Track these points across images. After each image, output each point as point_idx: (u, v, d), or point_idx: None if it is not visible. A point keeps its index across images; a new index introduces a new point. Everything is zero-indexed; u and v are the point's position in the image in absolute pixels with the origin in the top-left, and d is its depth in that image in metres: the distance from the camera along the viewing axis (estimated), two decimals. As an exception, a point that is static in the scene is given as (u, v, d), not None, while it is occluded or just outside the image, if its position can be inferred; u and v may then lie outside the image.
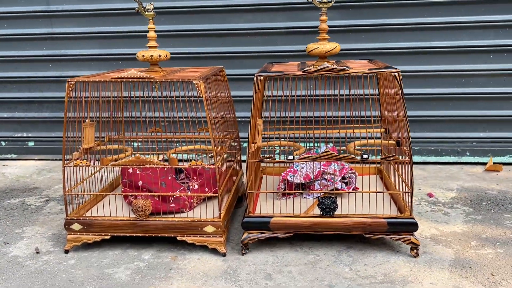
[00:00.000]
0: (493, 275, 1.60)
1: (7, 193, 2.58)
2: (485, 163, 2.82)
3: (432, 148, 2.89)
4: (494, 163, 2.79)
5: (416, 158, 2.90)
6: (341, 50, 2.77)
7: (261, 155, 2.17)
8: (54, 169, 3.02)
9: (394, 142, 1.85)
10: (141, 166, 1.77)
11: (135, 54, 2.98)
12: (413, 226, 1.70)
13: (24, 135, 3.23)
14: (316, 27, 2.82)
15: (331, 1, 1.81)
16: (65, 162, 1.81)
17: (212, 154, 2.31)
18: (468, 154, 2.87)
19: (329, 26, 2.75)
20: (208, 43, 2.92)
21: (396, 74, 1.63)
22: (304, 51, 2.84)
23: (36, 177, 2.87)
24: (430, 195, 2.35)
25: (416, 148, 2.90)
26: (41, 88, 3.15)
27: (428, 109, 2.84)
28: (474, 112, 2.82)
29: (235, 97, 2.91)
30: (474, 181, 2.56)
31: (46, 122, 3.19)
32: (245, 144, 2.98)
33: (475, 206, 2.20)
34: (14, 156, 3.26)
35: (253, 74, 2.92)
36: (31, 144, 3.24)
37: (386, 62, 2.80)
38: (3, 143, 3.26)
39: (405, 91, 2.82)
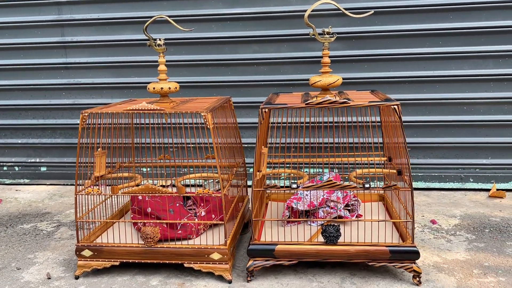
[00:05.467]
0: (494, 303, 1.62)
1: (20, 218, 2.65)
2: (488, 189, 2.85)
3: (436, 174, 2.93)
4: (497, 189, 2.81)
5: (420, 184, 2.94)
6: (345, 79, 2.87)
7: (267, 182, 2.23)
8: (65, 194, 3.09)
9: (395, 171, 1.90)
10: (151, 194, 1.83)
11: (145, 83, 3.10)
12: (415, 254, 1.73)
13: (37, 160, 3.33)
14: (320, 57, 2.92)
15: (332, 37, 1.90)
16: (77, 190, 1.88)
17: (217, 180, 2.38)
18: (471, 180, 2.90)
19: (333, 56, 2.86)
20: (217, 72, 3.02)
21: (396, 107, 1.70)
22: (307, 80, 2.94)
23: (48, 202, 2.94)
24: (433, 222, 2.38)
25: (419, 174, 2.94)
26: (54, 115, 3.26)
27: (431, 136, 2.90)
28: (476, 139, 2.86)
29: (242, 124, 2.99)
30: (478, 208, 2.59)
31: (59, 148, 3.29)
32: (251, 170, 3.04)
33: (477, 234, 2.23)
34: (26, 181, 3.34)
35: (259, 102, 3.02)
36: (43, 169, 3.33)
37: (389, 91, 2.88)
38: (16, 168, 3.35)
39: (408, 118, 2.88)
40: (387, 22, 2.82)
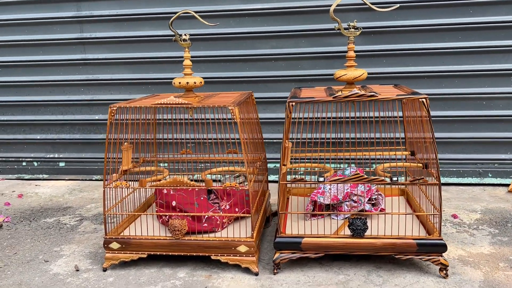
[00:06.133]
0: (523, 296, 1.63)
1: (42, 212, 2.68)
2: (507, 185, 2.85)
3: (454, 169, 2.93)
4: (517, 184, 2.81)
5: (438, 180, 2.94)
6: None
7: (294, 176, 2.24)
8: (84, 189, 3.12)
9: (421, 164, 1.91)
10: (179, 187, 1.85)
11: (163, 78, 3.12)
12: (442, 247, 1.74)
13: (56, 156, 3.36)
14: (338, 52, 2.92)
15: (358, 30, 1.90)
16: (105, 183, 1.90)
17: (237, 174, 2.39)
18: (490, 175, 2.90)
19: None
20: (235, 68, 3.04)
21: (424, 100, 1.70)
22: (326, 75, 2.95)
23: (68, 196, 2.97)
24: (454, 216, 2.39)
25: (433, 170, 2.93)
26: (73, 111, 3.29)
27: (449, 131, 2.89)
28: (495, 134, 2.86)
29: (260, 119, 3.00)
30: (498, 203, 2.59)
31: (77, 144, 3.32)
32: (270, 165, 3.05)
33: (500, 228, 2.23)
34: (45, 176, 3.38)
35: (278, 98, 3.03)
36: (62, 164, 3.36)
37: (408, 86, 2.88)
38: (35, 164, 3.39)
39: (427, 113, 2.88)
40: (406, 16, 2.82)
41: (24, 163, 3.40)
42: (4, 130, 3.38)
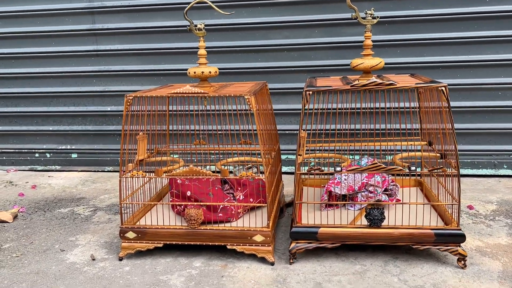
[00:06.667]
0: (543, 287, 1.61)
1: (56, 203, 2.69)
2: (523, 176, 2.82)
3: (468, 160, 2.90)
4: (533, 176, 2.78)
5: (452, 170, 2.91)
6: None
7: (311, 166, 2.23)
8: (97, 180, 3.14)
9: (439, 155, 1.89)
10: (194, 177, 1.85)
11: (175, 69, 3.11)
12: (461, 237, 1.72)
13: (68, 147, 3.37)
14: (352, 42, 2.89)
15: (375, 18, 1.88)
16: (122, 172, 1.90)
17: (249, 165, 2.38)
18: (505, 167, 2.87)
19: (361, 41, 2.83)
20: (247, 58, 3.02)
21: (443, 88, 1.68)
22: (339, 65, 2.92)
23: (81, 187, 2.99)
24: (470, 207, 2.37)
25: (452, 160, 2.90)
26: (85, 102, 3.30)
27: (464, 122, 2.86)
28: (511, 125, 2.82)
29: (273, 110, 2.98)
30: (514, 194, 2.56)
31: (89, 135, 3.33)
32: (283, 157, 3.04)
33: (517, 219, 2.21)
34: (58, 167, 3.40)
35: (290, 88, 3.01)
36: (74, 156, 3.38)
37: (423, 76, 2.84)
38: (48, 155, 3.40)
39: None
40: (420, 6, 2.78)
41: (36, 155, 3.42)
42: (17, 122, 3.40)
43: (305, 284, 1.69)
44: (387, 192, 2.12)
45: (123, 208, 1.92)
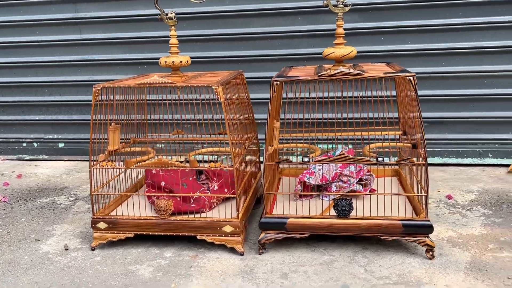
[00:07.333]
0: (509, 278, 1.60)
1: (39, 192, 2.71)
2: (507, 165, 2.78)
3: (453, 149, 2.87)
4: (517, 165, 2.75)
5: (436, 160, 2.89)
6: (361, 52, 2.80)
7: (279, 157, 2.22)
8: (82, 169, 3.15)
9: (410, 144, 1.87)
10: (163, 168, 1.84)
11: (158, 58, 3.08)
12: (428, 228, 1.71)
13: (55, 136, 3.38)
14: (335, 30, 2.85)
15: (347, 6, 1.84)
16: (92, 163, 1.91)
17: (231, 156, 2.37)
18: (490, 156, 2.84)
19: (349, 29, 2.79)
20: (229, 47, 2.99)
21: (411, 78, 1.65)
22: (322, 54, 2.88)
23: (66, 177, 3.00)
24: (449, 197, 2.35)
25: (436, 149, 2.88)
26: (70, 92, 3.29)
27: (449, 110, 2.83)
28: (496, 114, 2.78)
29: (256, 99, 2.97)
30: (496, 183, 2.54)
31: (76, 124, 3.33)
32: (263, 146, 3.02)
33: (495, 209, 2.19)
34: (45, 156, 3.41)
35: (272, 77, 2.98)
36: (61, 145, 3.39)
37: (407, 64, 2.80)
38: (35, 144, 3.42)
39: (425, 92, 2.82)
40: (405, -8, 2.73)
41: (24, 144, 3.43)
42: (4, 111, 3.41)
43: (271, 275, 1.69)
44: (362, 182, 2.11)
45: (101, 199, 1.93)
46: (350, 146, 2.54)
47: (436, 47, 2.76)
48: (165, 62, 1.97)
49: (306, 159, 1.75)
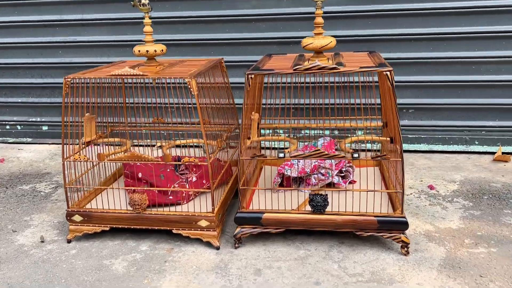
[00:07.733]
0: (481, 276, 1.60)
1: (20, 179, 2.69)
2: (494, 153, 2.76)
3: (439, 136, 2.84)
4: (503, 153, 2.72)
5: (422, 147, 2.86)
6: (347, 36, 2.73)
7: (261, 150, 2.19)
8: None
9: (388, 139, 1.83)
10: (135, 162, 1.81)
11: (142, 40, 3.00)
12: (404, 225, 1.70)
13: (38, 119, 3.33)
14: (324, 13, 2.76)
15: (326, -5, 1.77)
16: (65, 156, 1.87)
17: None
18: (476, 143, 2.81)
19: (336, 12, 2.71)
20: (213, 29, 2.91)
21: (388, 73, 1.60)
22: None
23: (49, 162, 2.97)
24: (431, 187, 2.33)
25: (422, 136, 2.85)
26: (52, 74, 3.22)
27: (436, 96, 2.78)
28: (484, 100, 2.74)
29: (240, 83, 2.91)
30: (480, 172, 2.52)
31: (59, 107, 3.28)
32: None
33: (475, 201, 2.17)
34: (29, 140, 3.37)
35: (256, 61, 2.91)
36: (45, 128, 3.34)
37: (394, 49, 2.73)
38: (19, 127, 3.37)
39: (412, 78, 2.76)
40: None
41: (7, 127, 3.38)
42: (-15, 93, 3.35)
43: (245, 271, 1.69)
44: (342, 174, 2.08)
45: (77, 189, 1.91)
46: (328, 138, 2.50)
47: (424, 32, 2.68)
48: (139, 51, 1.90)
49: (281, 155, 1.72)
